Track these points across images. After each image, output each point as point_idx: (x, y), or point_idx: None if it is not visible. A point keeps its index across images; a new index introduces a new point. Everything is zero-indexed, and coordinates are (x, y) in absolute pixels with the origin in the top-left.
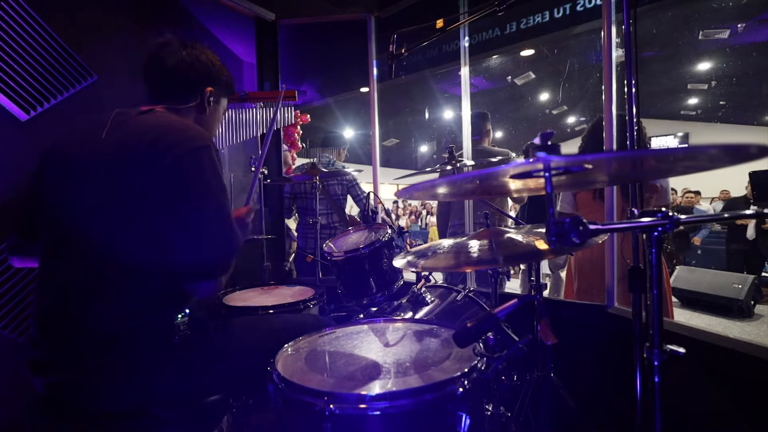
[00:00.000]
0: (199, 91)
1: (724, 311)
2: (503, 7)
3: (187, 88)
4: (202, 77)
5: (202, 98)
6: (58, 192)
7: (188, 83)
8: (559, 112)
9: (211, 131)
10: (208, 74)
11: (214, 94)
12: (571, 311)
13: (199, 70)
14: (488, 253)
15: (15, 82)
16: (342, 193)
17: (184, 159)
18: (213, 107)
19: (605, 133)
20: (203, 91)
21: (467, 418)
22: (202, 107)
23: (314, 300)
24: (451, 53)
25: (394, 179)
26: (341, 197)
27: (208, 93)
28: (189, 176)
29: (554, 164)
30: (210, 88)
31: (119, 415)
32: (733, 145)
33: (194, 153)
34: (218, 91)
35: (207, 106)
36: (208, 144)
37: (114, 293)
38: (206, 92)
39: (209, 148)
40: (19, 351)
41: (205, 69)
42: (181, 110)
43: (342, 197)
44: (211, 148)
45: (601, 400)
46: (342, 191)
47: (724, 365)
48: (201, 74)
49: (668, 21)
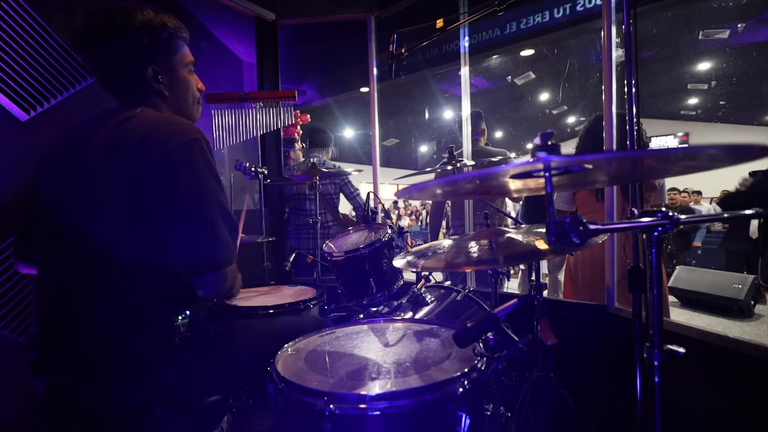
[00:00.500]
0: (139, 80)
1: (724, 311)
2: (503, 7)
3: (127, 82)
4: (135, 58)
5: (147, 83)
6: (54, 193)
7: (123, 79)
8: (559, 112)
9: (187, 107)
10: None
11: (161, 71)
12: (571, 311)
13: (122, 55)
14: (488, 253)
15: (15, 82)
16: (335, 192)
17: (174, 154)
18: (168, 81)
19: (605, 132)
20: (144, 75)
21: (467, 418)
22: (156, 91)
23: (314, 300)
24: (451, 53)
25: (394, 179)
26: (334, 196)
27: (151, 74)
28: (181, 171)
29: (554, 164)
30: (151, 66)
31: (119, 415)
32: (733, 145)
33: (184, 147)
34: (165, 59)
35: (159, 86)
36: (197, 137)
37: (113, 293)
38: (147, 75)
39: (199, 140)
40: (19, 351)
41: (133, 46)
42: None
43: (335, 196)
44: (201, 140)
45: (601, 400)
46: (334, 190)
47: (724, 365)
48: (132, 55)
49: (668, 21)
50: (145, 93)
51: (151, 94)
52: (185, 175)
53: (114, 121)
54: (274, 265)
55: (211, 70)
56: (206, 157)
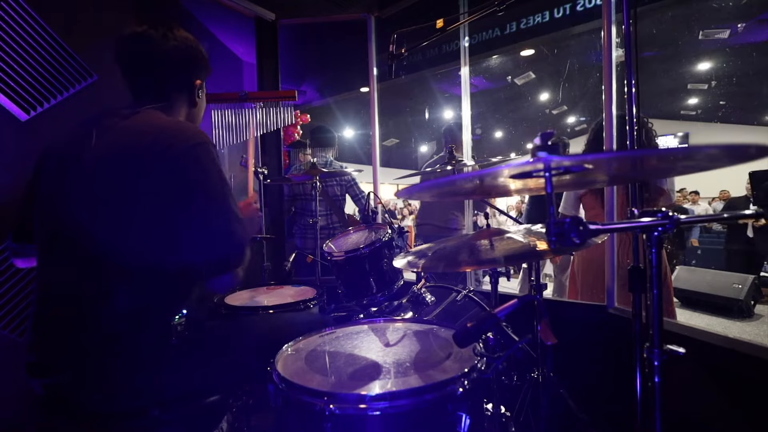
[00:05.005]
0: (187, 85)
1: (724, 311)
2: (503, 7)
3: (177, 83)
4: (190, 69)
5: (191, 92)
6: (56, 192)
7: (177, 79)
8: (559, 112)
9: (199, 122)
10: (196, 65)
11: (202, 86)
12: (572, 311)
13: (187, 62)
14: (488, 253)
15: (15, 82)
16: (341, 193)
17: (182, 158)
18: (201, 98)
19: (605, 133)
20: (192, 84)
21: (467, 418)
22: (192, 101)
23: (314, 300)
24: (451, 53)
25: (394, 179)
26: (340, 198)
27: (198, 86)
28: (191, 175)
29: (554, 164)
30: (198, 80)
31: (119, 415)
32: (732, 145)
33: (193, 150)
34: (204, 80)
35: (197, 99)
36: (205, 141)
37: (112, 294)
38: (195, 85)
39: (207, 144)
40: (19, 351)
41: (192, 60)
42: (173, 107)
43: (341, 198)
44: (208, 144)
45: (601, 400)
46: (341, 192)
47: (724, 365)
48: (189, 67)
49: (668, 21)
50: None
51: (185, 101)
52: (196, 177)
53: (119, 122)
54: (274, 265)
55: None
56: (215, 160)
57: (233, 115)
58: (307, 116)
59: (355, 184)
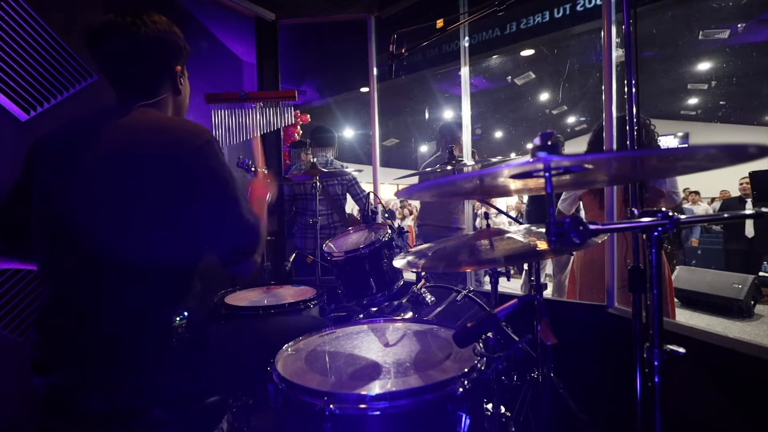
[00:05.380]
0: (168, 73)
1: (724, 311)
2: (503, 7)
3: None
4: (167, 56)
5: (173, 80)
6: (53, 193)
7: (156, 68)
8: (559, 112)
9: (185, 109)
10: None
11: (184, 71)
12: (572, 311)
13: (162, 50)
14: (488, 253)
15: (15, 82)
16: (342, 193)
17: (189, 159)
18: (185, 84)
19: (605, 133)
20: (173, 71)
21: (467, 418)
22: (176, 89)
23: (314, 300)
24: (451, 53)
25: (394, 179)
26: (341, 197)
27: (178, 72)
28: (201, 174)
29: (554, 164)
30: (179, 66)
31: (119, 415)
32: (732, 145)
33: (201, 151)
34: (184, 65)
35: (180, 87)
36: (209, 138)
37: (112, 294)
38: (176, 71)
39: (211, 142)
40: (19, 351)
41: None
42: (160, 101)
43: (342, 197)
44: (212, 141)
45: (601, 400)
46: (342, 191)
47: (724, 365)
48: (165, 54)
49: (668, 21)
50: (163, 89)
51: (170, 91)
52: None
53: (116, 122)
54: (274, 265)
55: (211, 70)
56: (220, 155)
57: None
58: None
59: (356, 183)
